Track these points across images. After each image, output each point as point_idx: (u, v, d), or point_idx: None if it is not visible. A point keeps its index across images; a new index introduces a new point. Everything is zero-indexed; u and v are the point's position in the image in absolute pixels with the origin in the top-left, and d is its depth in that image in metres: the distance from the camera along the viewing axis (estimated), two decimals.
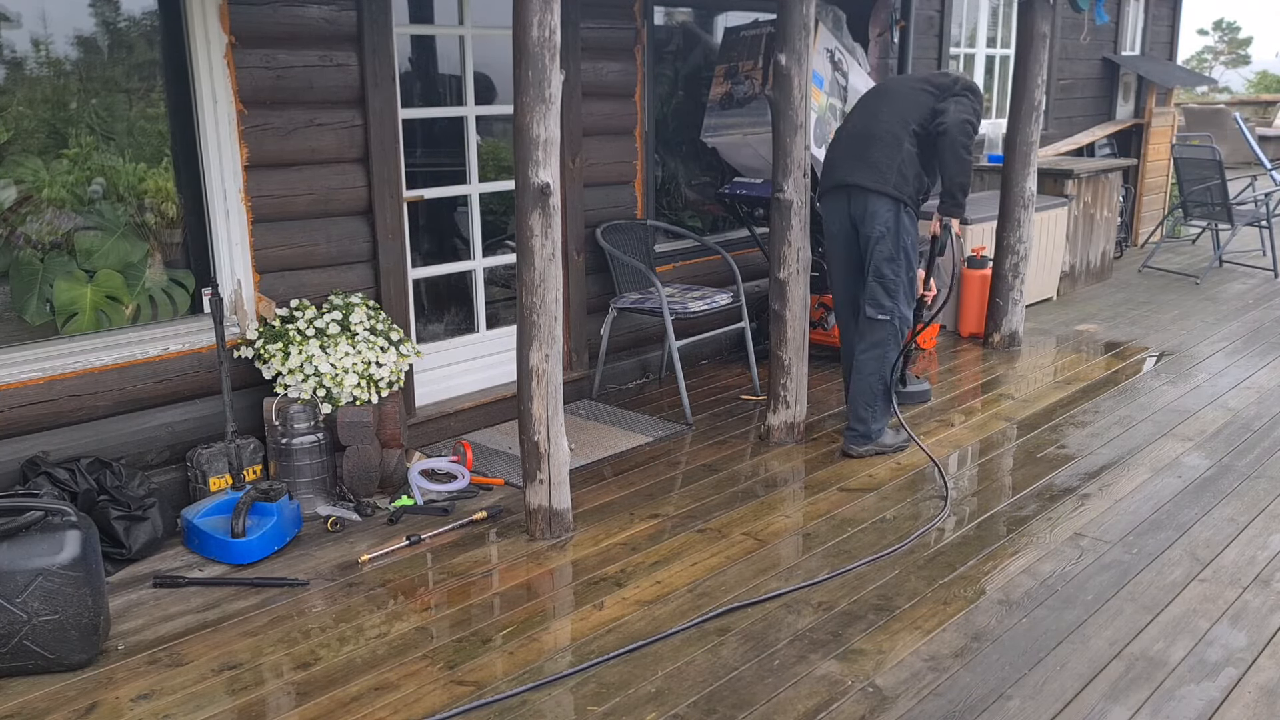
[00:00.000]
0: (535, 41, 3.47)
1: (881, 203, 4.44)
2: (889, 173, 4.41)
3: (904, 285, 4.52)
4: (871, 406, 4.56)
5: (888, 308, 4.51)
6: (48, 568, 2.93)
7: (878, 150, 4.46)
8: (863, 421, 4.57)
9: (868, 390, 4.55)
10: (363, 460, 4.18)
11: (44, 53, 3.77)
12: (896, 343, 4.56)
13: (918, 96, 4.52)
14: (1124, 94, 10.25)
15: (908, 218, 4.48)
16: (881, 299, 4.51)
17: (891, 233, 4.44)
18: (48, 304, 3.85)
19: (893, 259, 4.47)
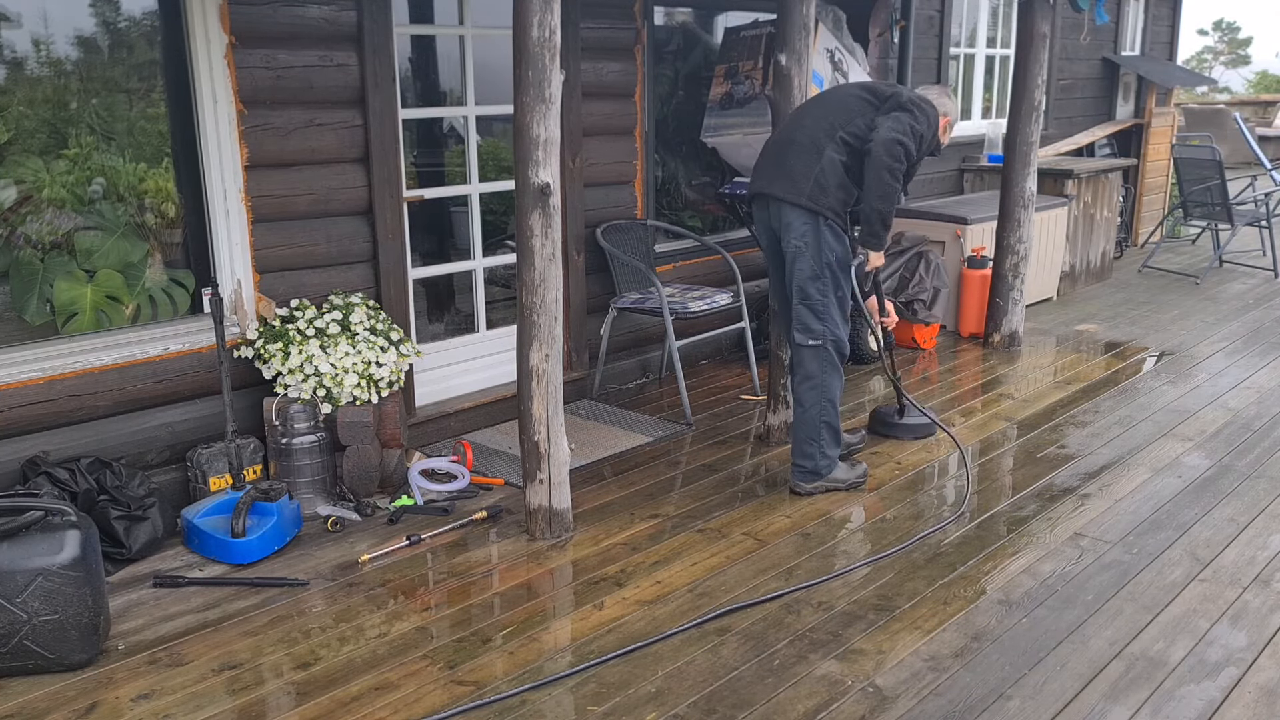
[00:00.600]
0: (535, 41, 3.47)
1: (796, 215, 4.00)
2: (804, 182, 3.98)
3: (835, 305, 4.07)
4: (815, 441, 4.16)
5: (818, 331, 4.06)
6: (48, 567, 2.93)
7: (795, 158, 4.04)
8: (809, 458, 4.18)
9: (810, 424, 4.15)
10: (363, 460, 4.18)
11: (44, 53, 3.77)
12: (835, 368, 4.12)
13: (853, 104, 4.09)
14: (1124, 94, 10.25)
15: (830, 232, 4.00)
16: (810, 322, 4.07)
17: (811, 248, 3.99)
18: (48, 304, 3.85)
19: (816, 277, 4.01)
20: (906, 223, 6.82)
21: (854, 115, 4.03)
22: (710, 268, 6.12)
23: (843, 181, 4.00)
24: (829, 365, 4.11)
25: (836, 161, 3.99)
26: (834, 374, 4.15)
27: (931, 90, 4.30)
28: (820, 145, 4.00)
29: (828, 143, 4.00)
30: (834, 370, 4.14)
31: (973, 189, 8.35)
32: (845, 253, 4.08)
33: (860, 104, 4.07)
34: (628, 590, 3.47)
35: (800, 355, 4.14)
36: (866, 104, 4.06)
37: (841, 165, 4.00)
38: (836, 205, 3.99)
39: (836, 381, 4.16)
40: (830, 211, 3.98)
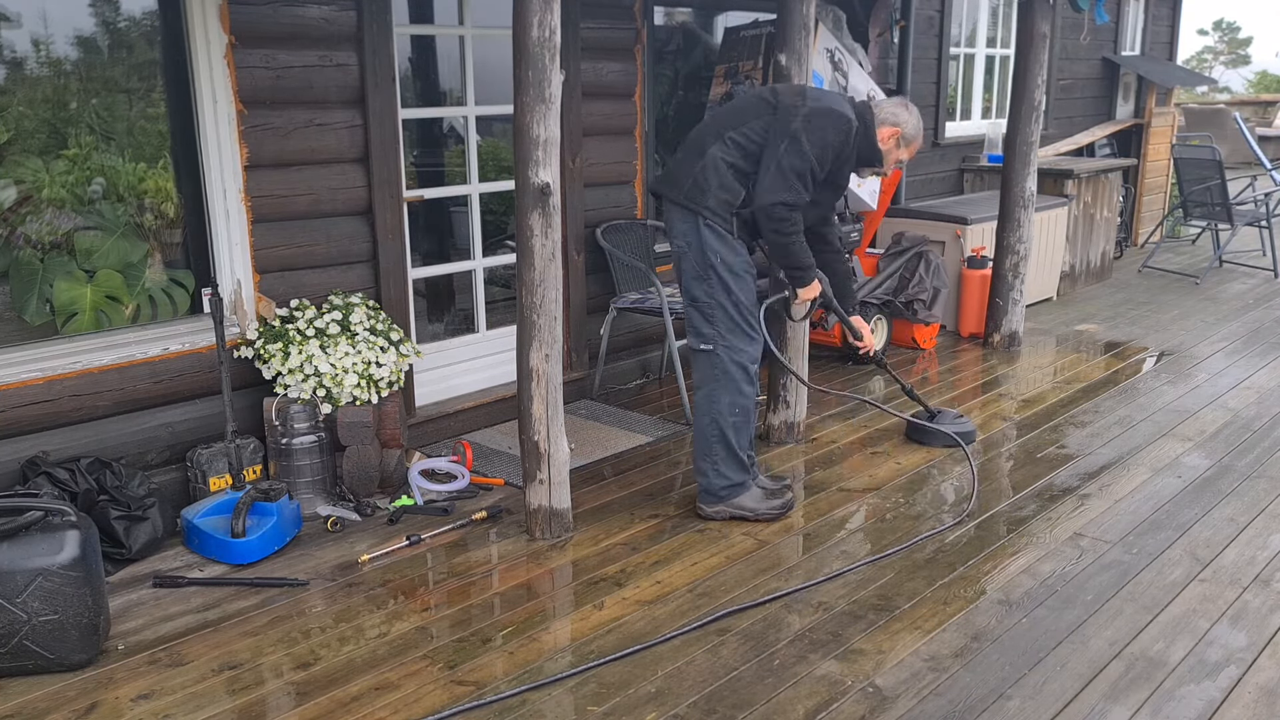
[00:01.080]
0: (535, 41, 3.47)
1: (677, 214, 3.82)
2: (684, 181, 3.78)
3: (728, 310, 3.78)
4: (708, 457, 3.87)
5: (708, 335, 3.81)
6: (48, 568, 2.93)
7: (682, 157, 3.87)
8: (702, 474, 3.91)
9: (702, 437, 3.88)
10: (363, 460, 4.18)
11: (44, 53, 3.77)
12: (729, 378, 3.82)
13: (751, 105, 3.83)
14: (1124, 94, 10.25)
15: (711, 232, 3.74)
16: (699, 325, 3.83)
17: (694, 248, 3.77)
18: (48, 304, 3.85)
19: (701, 278, 3.78)
20: (906, 223, 6.82)
21: (748, 116, 3.79)
22: None
23: (725, 182, 3.74)
24: (720, 374, 3.82)
25: (719, 160, 3.74)
26: (725, 385, 3.82)
27: (888, 100, 4.08)
28: (705, 144, 3.79)
29: (714, 141, 3.78)
30: (725, 380, 3.82)
31: (973, 189, 8.35)
32: (735, 257, 3.79)
33: (759, 105, 3.81)
34: (628, 590, 3.47)
35: (694, 361, 3.92)
36: (765, 105, 3.80)
37: (726, 165, 3.74)
38: (717, 205, 3.74)
39: (729, 394, 3.83)
40: (709, 211, 3.73)
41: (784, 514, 3.97)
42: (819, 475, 4.46)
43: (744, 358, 3.83)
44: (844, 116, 3.78)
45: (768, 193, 3.67)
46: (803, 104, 3.75)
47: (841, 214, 5.98)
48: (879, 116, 3.90)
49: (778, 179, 3.66)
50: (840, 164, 3.82)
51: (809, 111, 3.72)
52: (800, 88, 4.00)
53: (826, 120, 3.73)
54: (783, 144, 3.68)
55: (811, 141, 3.69)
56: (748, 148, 3.75)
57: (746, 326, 3.83)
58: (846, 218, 6.03)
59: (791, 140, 3.67)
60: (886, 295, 6.17)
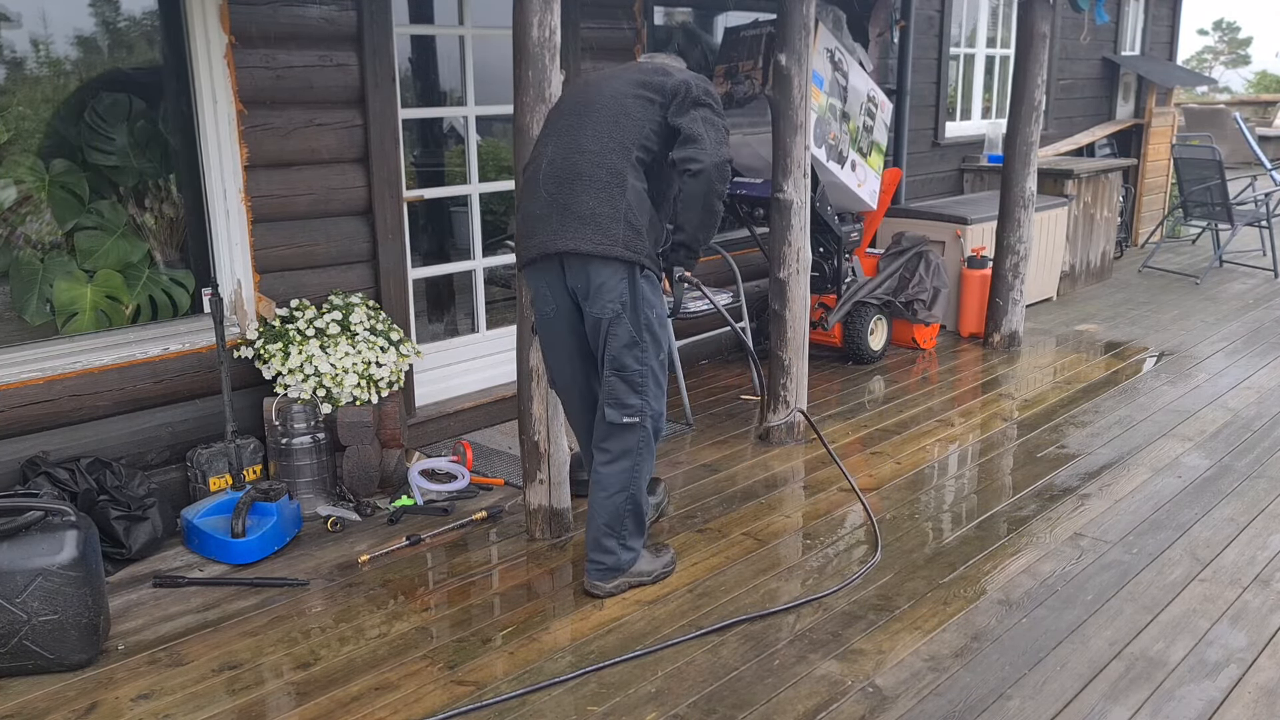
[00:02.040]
0: (535, 42, 3.47)
1: (610, 271, 3.16)
2: (615, 227, 3.12)
3: (655, 374, 3.32)
4: (618, 531, 3.38)
5: (635, 407, 3.29)
6: (48, 568, 2.93)
7: (592, 195, 3.14)
8: (609, 553, 3.40)
9: (614, 512, 3.36)
10: (363, 460, 4.18)
11: (44, 53, 3.77)
12: (651, 449, 3.39)
13: (634, 108, 3.22)
14: (1124, 94, 10.25)
15: (647, 283, 3.23)
16: (626, 397, 3.29)
17: (629, 309, 3.20)
18: (48, 304, 3.85)
19: (635, 344, 3.24)
20: (906, 223, 6.82)
21: (641, 123, 3.21)
22: (710, 268, 6.11)
23: (651, 216, 3.21)
24: (644, 447, 3.36)
25: (641, 191, 3.18)
26: (648, 456, 3.39)
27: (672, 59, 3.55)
28: (620, 174, 3.15)
29: (625, 168, 3.15)
30: (648, 452, 3.39)
31: (973, 189, 8.35)
32: (662, 305, 3.33)
33: (644, 107, 3.23)
34: (628, 590, 3.47)
35: (609, 433, 3.35)
36: (648, 103, 3.23)
37: (645, 194, 3.20)
38: (651, 248, 3.23)
39: (649, 464, 3.42)
40: (647, 258, 3.20)
41: (671, 570, 3.57)
42: (819, 475, 4.46)
43: (662, 422, 3.41)
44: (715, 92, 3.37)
45: (716, 148, 3.16)
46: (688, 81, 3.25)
47: (842, 214, 5.98)
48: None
49: (715, 134, 3.18)
50: None
51: (693, 80, 3.26)
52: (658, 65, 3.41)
53: (715, 100, 3.30)
54: (699, 111, 3.20)
55: (718, 107, 3.28)
56: (648, 162, 3.23)
57: (664, 386, 3.39)
58: (847, 218, 6.03)
59: (705, 107, 3.23)
60: (886, 295, 6.17)
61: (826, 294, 5.97)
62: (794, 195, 4.60)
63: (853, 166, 5.98)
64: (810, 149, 4.67)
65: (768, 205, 4.88)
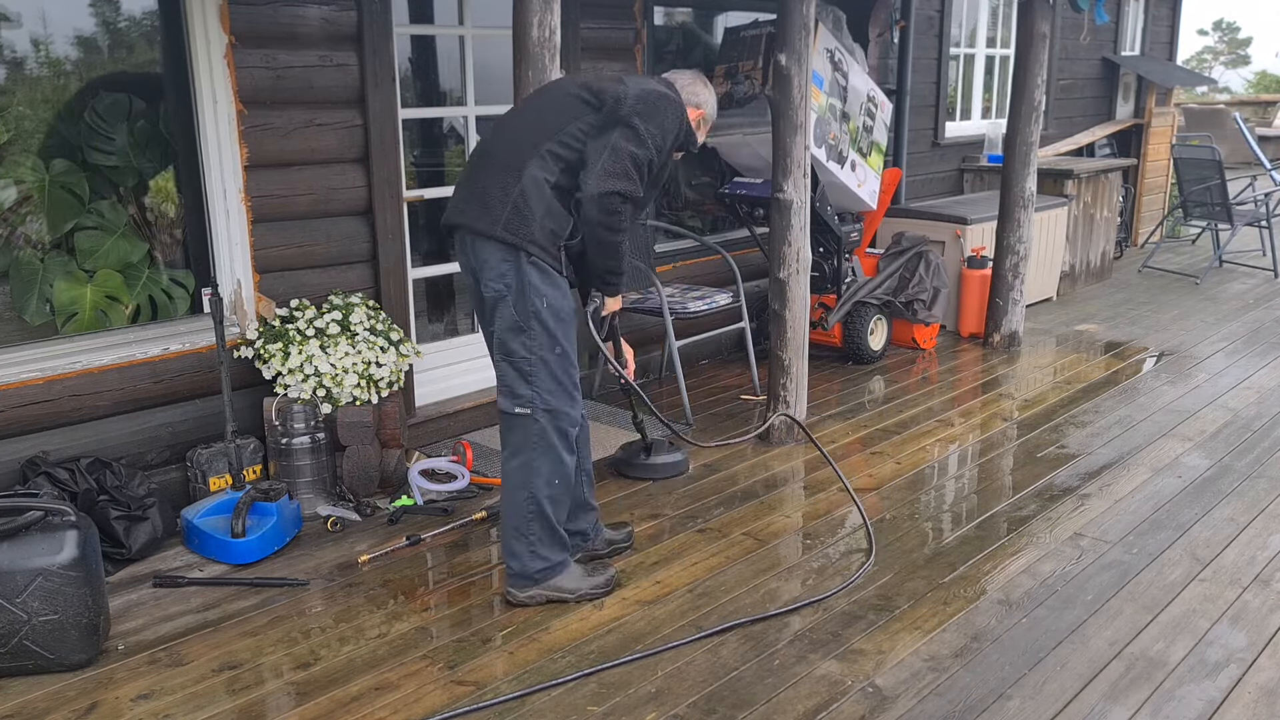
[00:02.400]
0: (535, 42, 3.47)
1: (492, 250, 3.14)
2: (500, 208, 3.11)
3: (551, 367, 3.19)
4: (524, 536, 3.28)
5: (525, 397, 3.20)
6: (48, 568, 2.93)
7: (489, 176, 3.17)
8: (515, 557, 3.30)
9: (516, 514, 3.27)
10: (363, 460, 4.18)
11: (44, 53, 3.77)
12: (549, 446, 3.22)
13: (568, 105, 3.19)
14: (1124, 94, 10.25)
15: (536, 271, 3.13)
16: (514, 385, 3.21)
17: (513, 291, 3.15)
18: (48, 304, 3.85)
19: (521, 328, 3.17)
20: (906, 223, 6.82)
21: (566, 119, 3.16)
22: (710, 268, 6.12)
23: (551, 208, 3.13)
24: (539, 442, 3.22)
25: (542, 181, 3.12)
26: (545, 454, 3.23)
27: (682, 76, 3.45)
28: (523, 160, 3.13)
29: (531, 156, 3.13)
30: (545, 450, 3.23)
31: (972, 189, 8.36)
32: (563, 301, 3.21)
33: (575, 105, 3.18)
34: (627, 590, 3.47)
35: (505, 424, 3.28)
36: (583, 104, 3.18)
37: (549, 186, 3.12)
38: (543, 238, 3.12)
39: (549, 464, 3.24)
40: (535, 245, 3.11)
41: (607, 593, 3.42)
42: (819, 475, 4.46)
43: (566, 422, 3.25)
44: (676, 100, 3.28)
45: (601, 179, 3.07)
46: (627, 90, 3.19)
47: (842, 214, 5.98)
48: (684, 97, 3.37)
49: (613, 163, 3.09)
50: (661, 164, 3.28)
51: (640, 95, 3.18)
52: (616, 75, 3.41)
53: (663, 104, 3.21)
54: (615, 132, 3.12)
55: (650, 130, 3.15)
56: (570, 160, 3.15)
57: (570, 385, 3.26)
58: (847, 218, 6.03)
59: (626, 127, 3.12)
60: (886, 295, 6.17)
61: (826, 294, 5.97)
62: (794, 195, 4.60)
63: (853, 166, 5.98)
64: (810, 149, 4.67)
65: (767, 205, 4.88)
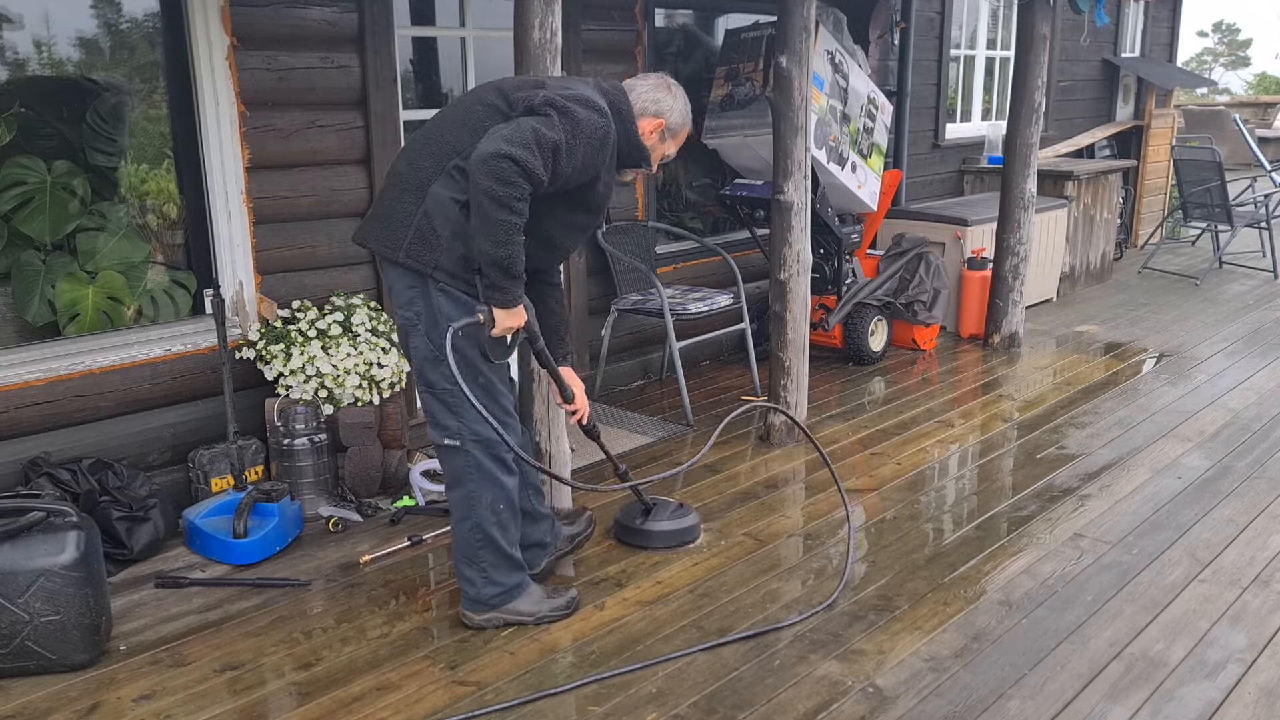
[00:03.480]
0: (536, 43, 3.48)
1: (397, 276, 3.00)
2: (403, 232, 2.94)
3: (476, 394, 2.94)
4: (474, 563, 3.18)
5: (452, 428, 3.07)
6: (49, 568, 2.94)
7: (394, 196, 2.99)
8: (470, 583, 3.21)
9: (465, 544, 3.17)
10: (364, 461, 4.19)
11: (46, 54, 3.78)
12: (486, 473, 3.10)
13: (478, 115, 2.94)
14: (1124, 95, 10.26)
15: (447, 299, 2.95)
16: (441, 416, 3.08)
17: (424, 320, 2.99)
18: (50, 305, 3.85)
19: (437, 359, 2.99)
20: (906, 224, 6.83)
21: (477, 131, 2.88)
22: (711, 269, 6.12)
23: (459, 229, 2.89)
24: (475, 472, 3.10)
25: (448, 201, 2.90)
26: (485, 481, 3.11)
27: (643, 82, 3.15)
28: (427, 178, 2.93)
29: (436, 174, 2.92)
30: (483, 477, 3.10)
31: (973, 190, 8.36)
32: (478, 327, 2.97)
33: (486, 113, 2.93)
34: (628, 590, 3.47)
35: (439, 455, 3.19)
36: (493, 111, 2.93)
37: (458, 205, 2.90)
38: (451, 264, 2.91)
39: (489, 491, 3.11)
40: (442, 272, 2.92)
41: (568, 615, 3.31)
42: (819, 475, 4.47)
43: (498, 449, 3.10)
44: (598, 106, 2.94)
45: (496, 142, 2.74)
46: (541, 89, 2.93)
47: (842, 215, 5.99)
48: (637, 106, 3.08)
49: (513, 133, 2.76)
50: (595, 169, 2.98)
51: (554, 91, 2.91)
52: (536, 78, 3.20)
53: (579, 106, 2.89)
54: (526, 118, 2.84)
55: (563, 124, 2.84)
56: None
57: (500, 413, 3.09)
58: (848, 219, 6.04)
59: (533, 115, 2.86)
60: (887, 297, 6.18)
61: (827, 295, 5.98)
62: (794, 197, 4.61)
63: (853, 168, 5.99)
64: (811, 151, 4.68)
65: (768, 207, 4.89)
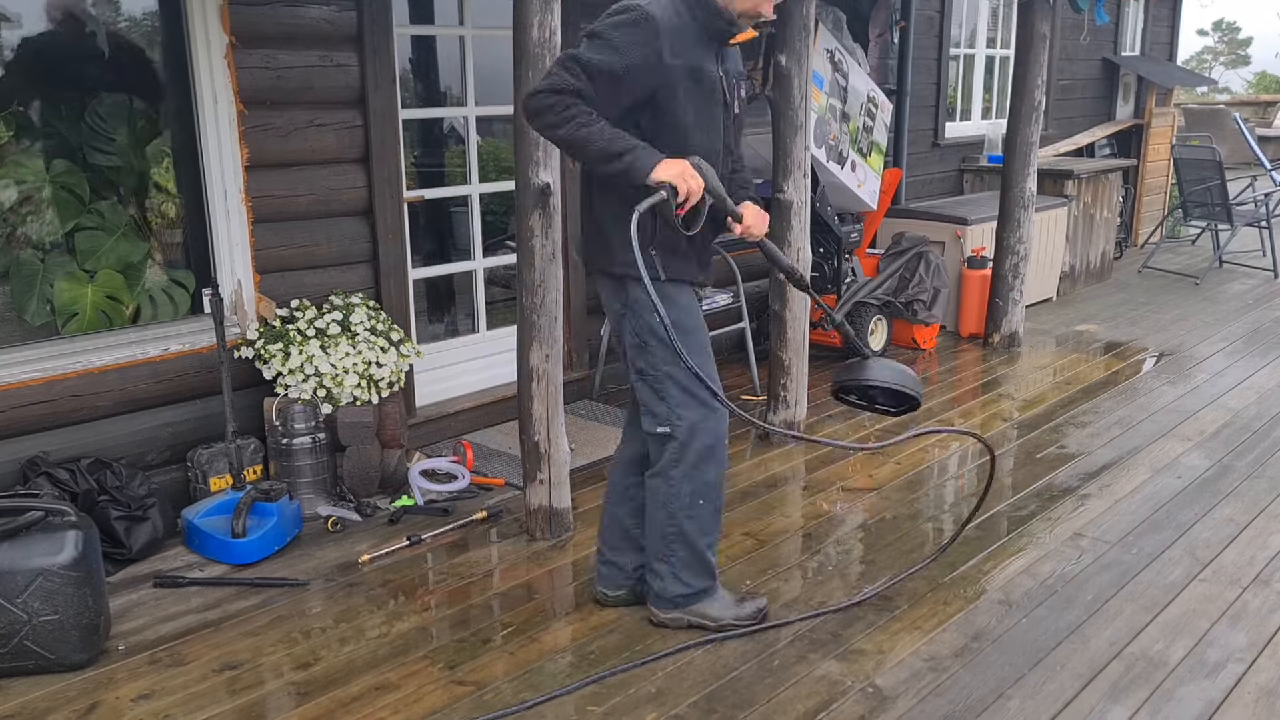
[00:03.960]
0: (535, 42, 3.47)
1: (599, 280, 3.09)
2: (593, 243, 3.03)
3: (678, 380, 2.95)
4: (666, 558, 3.09)
5: (661, 414, 3.01)
6: (48, 568, 2.93)
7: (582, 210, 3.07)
8: (658, 577, 3.13)
9: (658, 534, 3.08)
10: (363, 460, 4.18)
11: (45, 53, 3.77)
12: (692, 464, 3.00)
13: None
14: (1124, 94, 10.25)
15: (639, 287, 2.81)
16: (651, 403, 3.03)
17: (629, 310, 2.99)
18: (48, 304, 3.85)
19: (642, 345, 3.00)
20: (906, 223, 6.82)
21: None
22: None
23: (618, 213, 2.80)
24: (678, 459, 3.01)
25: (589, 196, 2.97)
26: (686, 472, 3.01)
27: None
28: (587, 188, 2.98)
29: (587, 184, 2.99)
30: (686, 466, 3.00)
31: (972, 189, 8.36)
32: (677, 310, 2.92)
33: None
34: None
35: (650, 445, 3.10)
36: None
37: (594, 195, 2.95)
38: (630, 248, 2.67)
39: (692, 483, 3.01)
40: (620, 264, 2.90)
41: (755, 626, 3.19)
42: (819, 475, 4.47)
43: (708, 436, 3.01)
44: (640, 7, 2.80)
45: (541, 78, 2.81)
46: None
47: (842, 214, 5.99)
48: None
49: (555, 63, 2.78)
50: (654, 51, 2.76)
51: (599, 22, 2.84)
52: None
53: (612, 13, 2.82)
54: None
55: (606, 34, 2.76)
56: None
57: (705, 394, 2.97)
58: (847, 218, 6.03)
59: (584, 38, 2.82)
60: (886, 296, 6.17)
61: (826, 294, 5.97)
62: (794, 195, 4.60)
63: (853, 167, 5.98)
64: (810, 149, 4.67)
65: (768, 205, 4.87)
